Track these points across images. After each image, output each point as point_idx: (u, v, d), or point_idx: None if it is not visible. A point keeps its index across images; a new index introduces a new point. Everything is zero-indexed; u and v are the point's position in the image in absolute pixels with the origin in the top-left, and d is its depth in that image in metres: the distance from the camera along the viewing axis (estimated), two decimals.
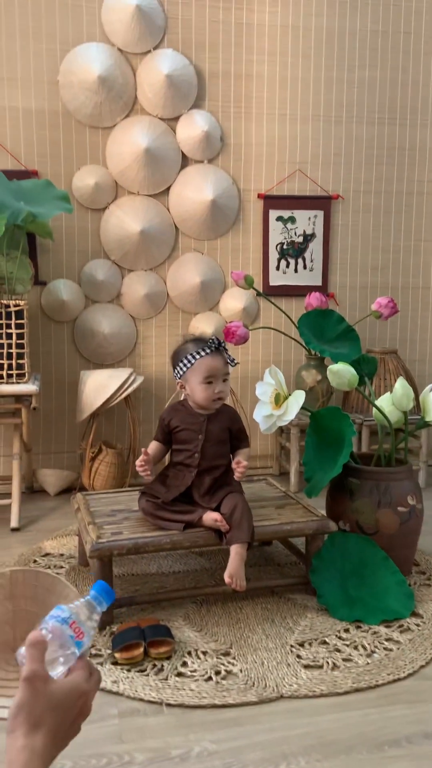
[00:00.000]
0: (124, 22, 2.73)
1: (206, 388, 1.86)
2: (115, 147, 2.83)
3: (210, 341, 1.87)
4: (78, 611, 0.75)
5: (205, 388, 1.86)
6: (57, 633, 0.71)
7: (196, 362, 1.85)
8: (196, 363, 1.86)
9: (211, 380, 1.86)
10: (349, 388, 2.04)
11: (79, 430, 2.98)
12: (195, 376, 1.86)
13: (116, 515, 1.96)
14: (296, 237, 3.09)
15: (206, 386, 1.86)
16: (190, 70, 2.86)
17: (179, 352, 1.91)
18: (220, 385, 1.87)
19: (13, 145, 2.77)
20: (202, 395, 1.86)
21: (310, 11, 2.95)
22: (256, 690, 1.51)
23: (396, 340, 3.31)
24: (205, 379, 1.85)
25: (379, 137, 3.11)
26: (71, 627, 0.72)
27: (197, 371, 1.86)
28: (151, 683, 1.52)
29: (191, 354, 1.86)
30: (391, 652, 1.66)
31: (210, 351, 1.86)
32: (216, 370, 1.86)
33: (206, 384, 1.86)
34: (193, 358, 1.86)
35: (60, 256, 2.89)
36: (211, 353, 1.86)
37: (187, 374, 1.88)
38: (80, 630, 0.73)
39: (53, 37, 2.75)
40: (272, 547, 2.30)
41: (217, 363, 1.86)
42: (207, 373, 1.85)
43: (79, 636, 0.73)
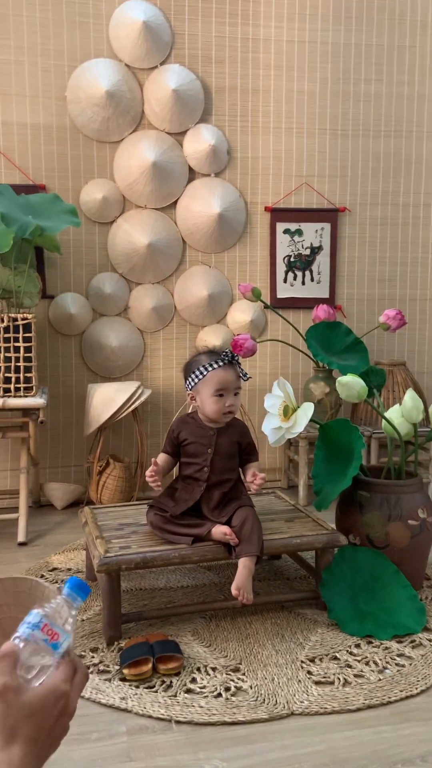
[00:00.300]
0: (132, 38, 2.76)
1: (217, 401, 1.85)
2: (122, 161, 2.85)
3: (224, 354, 1.86)
4: (51, 613, 0.73)
5: (216, 401, 1.85)
6: (29, 640, 0.70)
7: (208, 374, 1.84)
8: (208, 375, 1.84)
9: (222, 393, 1.84)
10: (358, 400, 2.02)
11: (87, 443, 2.97)
12: (206, 388, 1.85)
13: (124, 529, 1.94)
14: (303, 249, 3.09)
15: (217, 399, 1.84)
16: (196, 85, 2.88)
17: (192, 364, 1.90)
18: (231, 399, 1.85)
19: (22, 160, 2.79)
20: (213, 408, 1.85)
21: (316, 26, 2.97)
22: (266, 707, 1.48)
23: (404, 352, 3.29)
24: (217, 391, 1.84)
25: (385, 150, 3.12)
26: (43, 631, 0.71)
27: (209, 383, 1.84)
28: (159, 700, 1.50)
29: (204, 366, 1.85)
30: (403, 668, 1.63)
31: (223, 363, 1.85)
32: (228, 383, 1.85)
33: (217, 396, 1.84)
34: (206, 370, 1.85)
35: (68, 270, 2.90)
36: (223, 366, 1.85)
37: (198, 386, 1.87)
38: (53, 632, 0.71)
39: (61, 54, 2.77)
40: (281, 561, 2.28)
41: (230, 376, 1.85)
42: (218, 386, 1.84)
43: (54, 638, 0.71)
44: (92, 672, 1.61)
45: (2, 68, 2.73)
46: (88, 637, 1.76)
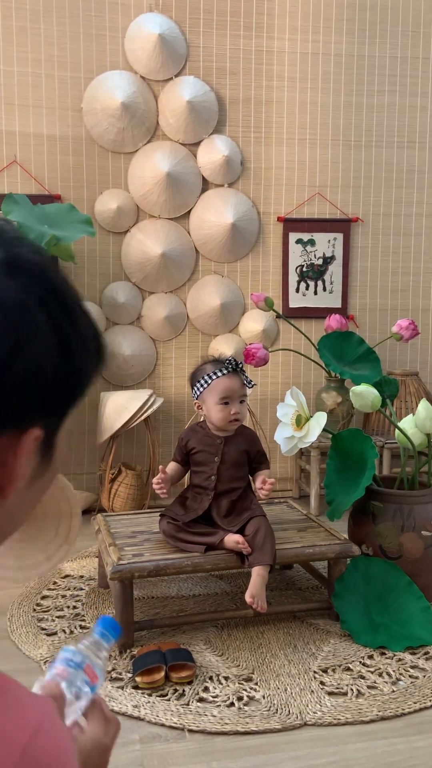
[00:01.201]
0: (147, 51, 2.79)
1: (222, 409, 1.86)
2: (137, 171, 2.88)
3: (227, 362, 1.87)
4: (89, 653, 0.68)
5: (221, 409, 1.86)
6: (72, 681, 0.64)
7: (213, 382, 1.86)
8: (212, 383, 1.86)
9: (227, 401, 1.86)
10: (372, 409, 2.02)
11: (99, 451, 2.98)
12: (211, 397, 1.86)
13: (137, 537, 1.95)
14: (316, 259, 3.10)
15: (222, 407, 1.86)
16: (210, 97, 2.91)
17: (197, 373, 1.92)
18: (236, 406, 1.86)
19: (38, 170, 2.83)
20: (218, 416, 1.86)
21: (329, 38, 2.99)
22: (279, 717, 1.48)
23: (417, 363, 3.29)
24: (221, 399, 1.85)
25: (398, 160, 3.13)
26: (86, 672, 0.65)
27: (213, 391, 1.86)
28: (172, 708, 1.50)
29: (208, 374, 1.87)
30: (417, 680, 1.62)
31: (227, 372, 1.86)
32: (232, 390, 1.86)
33: (222, 404, 1.86)
34: (210, 378, 1.86)
35: (82, 279, 2.93)
36: (228, 374, 1.86)
37: (203, 394, 1.89)
38: (94, 673, 0.66)
39: (78, 66, 2.81)
40: (293, 570, 2.27)
41: (234, 384, 1.86)
42: (223, 394, 1.85)
43: (94, 680, 0.66)
44: (105, 679, 1.61)
45: (20, 80, 2.77)
46: None
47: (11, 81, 2.76)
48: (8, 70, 2.76)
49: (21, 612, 1.96)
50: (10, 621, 1.90)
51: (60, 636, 1.81)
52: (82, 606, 1.99)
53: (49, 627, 1.87)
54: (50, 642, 1.78)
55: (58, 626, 1.87)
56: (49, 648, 1.75)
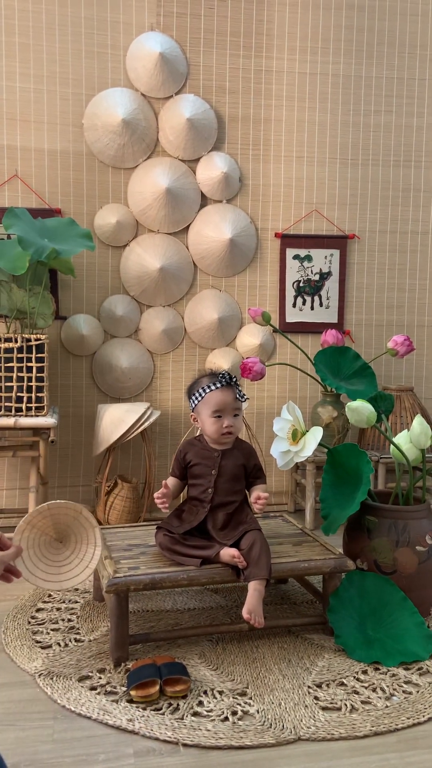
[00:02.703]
0: (148, 69, 2.83)
1: (215, 422, 1.88)
2: (136, 187, 2.91)
3: (221, 375, 1.90)
4: None
5: (214, 422, 1.88)
6: None
7: (207, 395, 1.89)
8: (206, 396, 1.89)
9: (219, 414, 1.88)
10: (367, 425, 2.04)
11: (95, 463, 2.99)
12: (205, 409, 1.89)
13: (133, 550, 1.95)
14: (313, 275, 3.14)
15: (215, 419, 1.88)
16: (210, 114, 2.95)
17: (193, 385, 1.95)
18: (229, 420, 1.89)
19: (38, 184, 2.86)
20: (211, 428, 1.89)
21: (327, 59, 3.04)
22: (273, 731, 1.48)
23: (412, 378, 3.31)
24: (214, 412, 1.88)
25: (394, 179, 3.17)
26: None
27: (207, 404, 1.89)
28: (167, 722, 1.50)
29: (203, 387, 1.90)
30: (411, 696, 1.63)
31: (221, 385, 1.88)
32: (225, 404, 1.88)
33: (215, 417, 1.88)
34: (204, 391, 1.89)
35: (80, 292, 2.95)
36: (221, 387, 1.88)
37: (198, 407, 1.91)
38: None
39: (79, 82, 2.85)
40: (288, 585, 2.28)
41: (227, 397, 1.89)
42: (216, 407, 1.88)
43: None
44: (99, 693, 1.61)
45: (22, 96, 2.80)
46: (96, 658, 1.77)
47: (13, 96, 2.80)
48: (11, 86, 2.79)
49: (16, 625, 1.96)
50: (4, 634, 1.90)
51: (55, 649, 1.82)
52: (77, 619, 2.00)
53: (43, 640, 1.87)
54: (45, 655, 1.78)
55: (53, 639, 1.87)
56: (44, 661, 1.75)
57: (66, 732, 1.48)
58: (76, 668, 1.72)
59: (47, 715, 1.54)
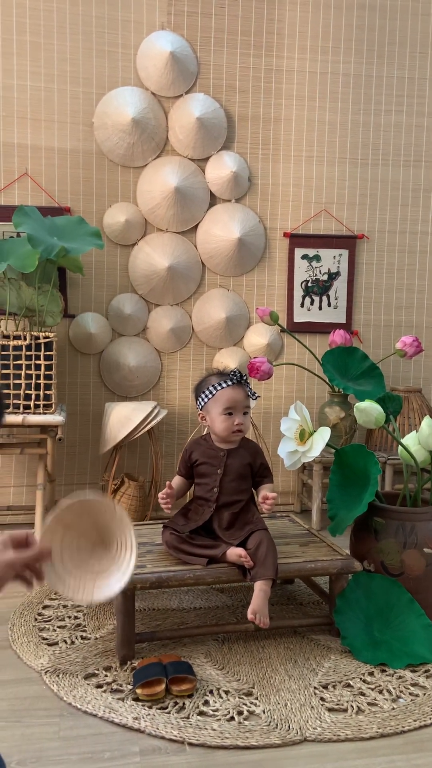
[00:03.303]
0: (158, 68, 2.83)
1: (225, 419, 1.88)
2: (145, 186, 2.91)
3: (232, 373, 1.90)
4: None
5: (225, 419, 1.88)
6: None
7: (217, 393, 1.88)
8: (216, 394, 1.88)
9: (230, 411, 1.88)
10: (376, 426, 2.03)
11: (102, 461, 3.00)
12: (215, 407, 1.89)
13: (139, 548, 1.95)
14: (321, 275, 3.13)
15: (225, 417, 1.88)
16: (220, 114, 2.95)
17: (202, 384, 1.95)
18: (239, 417, 1.88)
19: (48, 183, 2.86)
20: (222, 426, 1.88)
21: (338, 58, 3.03)
22: (279, 732, 1.48)
23: (420, 379, 3.30)
24: (225, 410, 1.87)
25: (403, 179, 3.16)
26: None
27: (217, 402, 1.88)
28: (172, 721, 1.50)
29: (213, 385, 1.89)
30: (417, 698, 1.62)
31: (231, 383, 1.88)
32: (236, 401, 1.88)
33: (226, 415, 1.88)
34: (215, 389, 1.88)
35: (89, 290, 2.95)
36: (232, 385, 1.88)
37: (208, 405, 1.91)
38: None
39: (90, 81, 2.85)
40: (294, 585, 2.28)
41: (238, 395, 1.88)
42: (227, 404, 1.87)
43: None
44: (105, 691, 1.61)
45: (33, 94, 2.81)
46: (102, 656, 1.77)
47: (24, 95, 2.80)
48: (21, 85, 2.80)
49: (22, 621, 1.96)
50: (11, 630, 1.91)
51: (61, 646, 1.82)
52: (83, 617, 2.00)
53: (50, 637, 1.87)
54: (51, 652, 1.78)
55: (59, 636, 1.87)
56: (50, 658, 1.75)
57: (72, 729, 1.48)
58: (82, 666, 1.72)
59: (53, 713, 1.54)
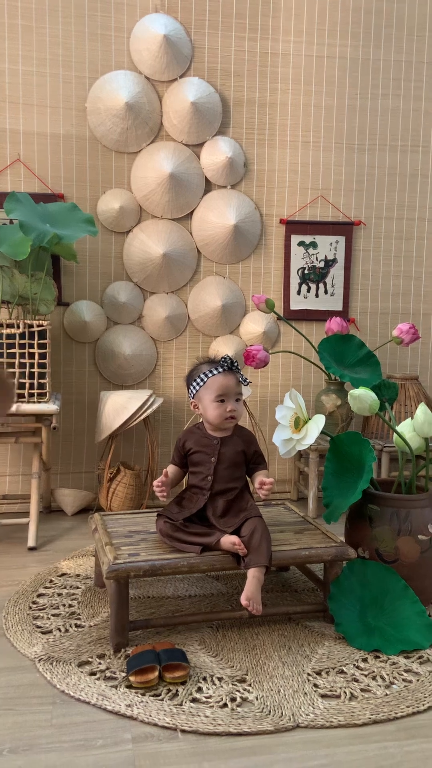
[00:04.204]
0: (152, 51, 2.79)
1: (218, 407, 1.87)
2: (139, 172, 2.88)
3: (222, 360, 1.88)
4: None
5: (217, 407, 1.87)
6: None
7: (209, 380, 1.87)
8: (208, 381, 1.87)
9: (222, 398, 1.87)
10: (370, 413, 2.02)
11: (98, 450, 2.99)
12: (207, 395, 1.88)
13: (133, 536, 1.95)
14: (318, 262, 3.11)
15: (218, 404, 1.87)
16: (215, 98, 2.91)
17: (193, 372, 1.94)
18: (232, 404, 1.87)
19: (41, 169, 2.83)
20: (214, 413, 1.87)
21: (335, 41, 3.00)
22: (272, 719, 1.48)
23: (417, 367, 3.29)
24: (217, 397, 1.86)
25: (401, 164, 3.13)
26: None
27: (209, 389, 1.87)
28: (165, 708, 1.50)
29: (204, 372, 1.88)
30: (411, 684, 1.62)
31: (222, 370, 1.87)
32: (228, 388, 1.87)
33: (218, 402, 1.87)
34: (206, 377, 1.87)
35: (83, 278, 2.93)
36: (223, 372, 1.87)
37: (199, 393, 1.90)
38: None
39: (82, 65, 2.82)
40: (289, 572, 2.28)
41: (229, 381, 1.87)
42: (219, 392, 1.86)
43: None
44: (98, 678, 1.61)
45: (24, 79, 2.77)
46: (95, 643, 1.77)
47: (16, 80, 2.77)
48: (13, 69, 2.76)
49: (16, 610, 1.96)
50: (5, 618, 1.91)
51: (55, 634, 1.82)
52: (77, 605, 2.00)
53: (44, 625, 1.87)
54: (45, 640, 1.78)
55: (54, 624, 1.87)
56: (44, 646, 1.75)
57: (65, 717, 1.48)
58: (75, 653, 1.72)
59: (46, 700, 1.54)
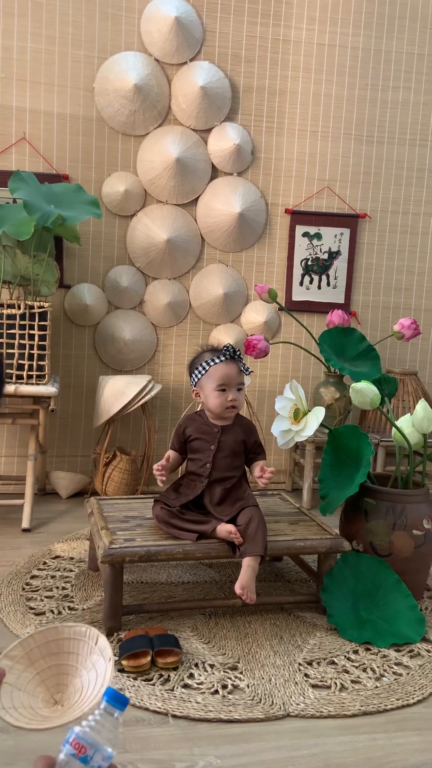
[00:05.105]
0: (163, 33, 2.76)
1: (219, 395, 1.86)
2: (146, 155, 2.86)
3: (225, 348, 1.88)
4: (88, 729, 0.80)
5: (218, 395, 1.86)
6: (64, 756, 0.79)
7: (210, 369, 1.87)
8: (210, 370, 1.87)
9: (224, 387, 1.86)
10: (371, 407, 2.02)
11: (95, 434, 2.98)
12: (209, 383, 1.87)
13: (129, 521, 1.95)
14: (321, 254, 3.09)
15: (219, 393, 1.86)
16: (224, 83, 2.88)
17: (195, 360, 1.93)
18: (233, 393, 1.87)
19: (46, 148, 2.80)
20: (215, 402, 1.87)
21: (347, 30, 2.96)
22: (262, 707, 1.49)
23: (416, 362, 3.29)
24: (219, 386, 1.86)
25: (409, 158, 3.11)
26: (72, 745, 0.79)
27: (211, 378, 1.87)
28: (157, 693, 1.51)
29: (206, 361, 1.88)
30: (401, 677, 1.64)
31: (225, 359, 1.87)
32: (229, 377, 1.86)
33: (219, 391, 1.86)
34: (208, 365, 1.87)
35: (86, 261, 2.91)
36: (225, 361, 1.87)
37: (201, 381, 1.89)
38: (81, 745, 0.79)
39: (92, 45, 2.78)
40: (283, 563, 2.28)
41: (231, 371, 1.87)
42: (220, 381, 1.86)
43: (81, 751, 0.79)
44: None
45: (33, 56, 2.74)
46: None
47: (24, 57, 2.73)
48: (22, 46, 2.73)
49: (10, 591, 1.96)
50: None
51: (48, 616, 1.82)
52: (71, 587, 2.00)
53: (37, 606, 1.87)
54: (38, 621, 1.79)
55: (47, 606, 1.87)
56: (36, 627, 1.75)
57: None
58: None
59: None
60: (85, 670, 1.09)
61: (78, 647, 1.10)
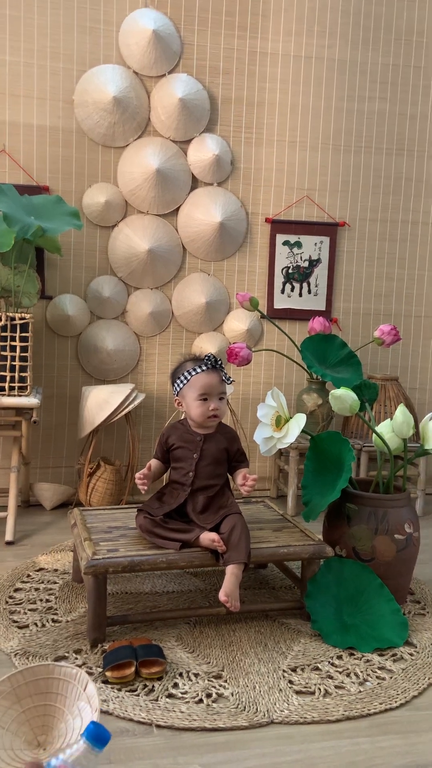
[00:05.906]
0: (141, 46, 2.79)
1: (201, 405, 1.87)
2: (126, 166, 2.87)
3: (206, 358, 1.89)
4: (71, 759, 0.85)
5: (200, 405, 1.88)
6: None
7: (192, 378, 1.88)
8: (191, 379, 1.88)
9: (205, 397, 1.87)
10: (350, 413, 2.04)
11: (78, 445, 2.98)
12: (190, 393, 1.88)
13: (113, 532, 1.95)
14: (302, 262, 3.12)
15: (201, 402, 1.87)
16: (203, 95, 2.91)
17: (177, 369, 1.95)
18: (215, 402, 1.88)
19: (26, 160, 2.81)
20: (197, 411, 1.88)
21: (323, 42, 3.01)
22: (246, 714, 1.49)
23: (397, 368, 3.32)
24: (200, 395, 1.87)
25: (386, 167, 3.16)
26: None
27: (192, 387, 1.88)
28: (141, 703, 1.51)
29: (188, 370, 1.89)
30: (384, 681, 1.65)
31: (206, 368, 1.88)
32: (211, 387, 1.88)
33: (201, 400, 1.87)
34: (189, 375, 1.88)
35: (67, 272, 2.92)
36: (206, 370, 1.88)
37: (183, 390, 1.91)
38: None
39: (70, 58, 2.80)
40: (267, 570, 2.29)
41: (212, 380, 1.88)
42: (201, 390, 1.87)
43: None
44: None
45: (12, 69, 2.75)
46: (72, 639, 1.77)
47: (3, 70, 2.74)
48: (0, 59, 2.74)
49: None
50: None
51: (32, 629, 1.81)
52: (55, 599, 1.99)
53: (20, 620, 1.86)
54: (21, 635, 1.78)
55: (30, 619, 1.87)
56: (20, 641, 1.74)
57: None
58: (52, 648, 1.72)
59: None
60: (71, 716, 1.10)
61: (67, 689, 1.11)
